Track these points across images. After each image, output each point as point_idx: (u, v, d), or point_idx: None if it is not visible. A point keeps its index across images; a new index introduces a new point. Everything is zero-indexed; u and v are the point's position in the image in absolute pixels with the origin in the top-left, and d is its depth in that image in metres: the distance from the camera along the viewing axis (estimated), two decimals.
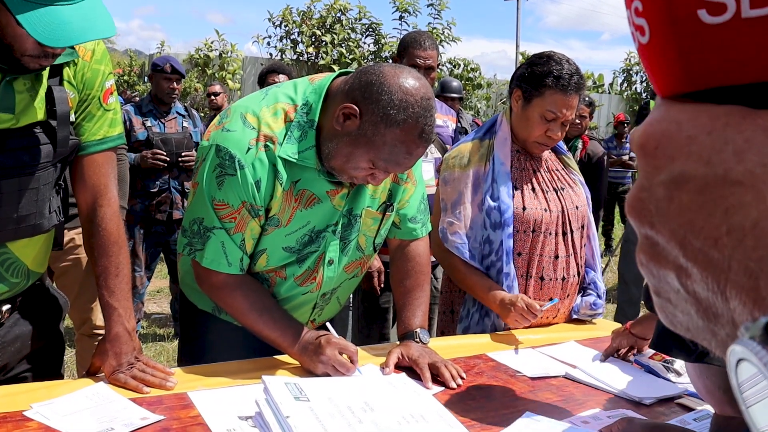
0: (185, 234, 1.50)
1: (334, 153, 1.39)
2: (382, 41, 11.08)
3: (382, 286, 2.72)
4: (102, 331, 1.50)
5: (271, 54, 11.06)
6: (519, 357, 1.71)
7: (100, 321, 2.61)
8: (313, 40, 10.76)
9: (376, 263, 2.69)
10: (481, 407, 1.38)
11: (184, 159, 3.83)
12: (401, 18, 10.94)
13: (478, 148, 1.91)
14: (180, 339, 1.81)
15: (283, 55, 10.98)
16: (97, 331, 2.71)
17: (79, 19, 1.13)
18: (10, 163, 1.26)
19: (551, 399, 1.45)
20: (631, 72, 15.60)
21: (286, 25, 10.96)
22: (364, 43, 11.23)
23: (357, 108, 1.34)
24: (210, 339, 1.64)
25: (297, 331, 1.48)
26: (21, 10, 1.09)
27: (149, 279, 4.04)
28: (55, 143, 1.31)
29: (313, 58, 10.88)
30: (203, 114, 6.62)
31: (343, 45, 10.83)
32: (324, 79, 1.45)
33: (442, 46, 10.83)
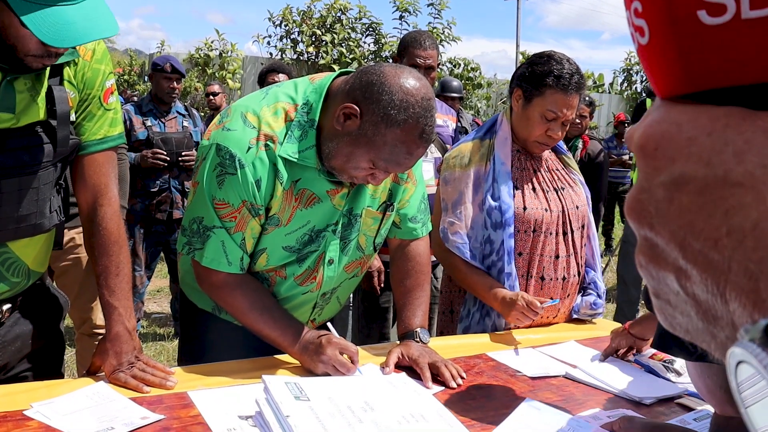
0: (185, 233, 1.50)
1: (335, 153, 1.39)
2: (383, 41, 11.09)
3: (382, 285, 2.72)
4: (102, 331, 1.50)
5: (271, 53, 11.07)
6: (519, 357, 1.71)
7: (101, 320, 2.61)
8: (313, 39, 10.76)
9: (376, 263, 2.69)
10: (481, 407, 1.38)
11: (184, 158, 3.83)
12: (401, 17, 10.95)
13: (478, 148, 1.91)
14: (180, 338, 1.81)
15: (283, 55, 10.99)
16: (97, 331, 2.71)
17: (83, 18, 1.14)
18: (11, 162, 1.26)
19: (551, 399, 1.45)
20: (631, 72, 15.60)
21: (286, 25, 10.97)
22: (365, 42, 11.24)
23: (357, 108, 1.34)
24: (210, 338, 1.64)
25: (297, 331, 1.48)
26: (25, 11, 1.09)
27: (149, 278, 4.04)
28: (56, 143, 1.31)
29: (313, 57, 10.88)
30: (203, 114, 6.61)
31: (343, 44, 10.83)
32: (324, 78, 1.45)
33: (443, 45, 10.83)
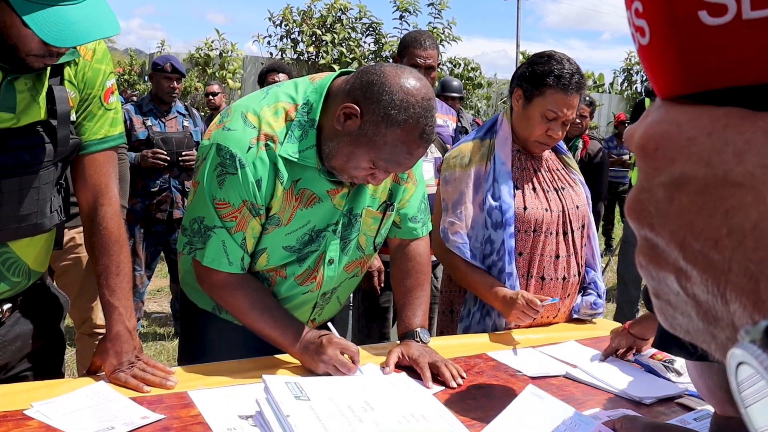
0: (185, 233, 1.50)
1: (335, 152, 1.39)
2: (383, 41, 11.08)
3: (383, 285, 2.72)
4: (102, 330, 1.50)
5: (271, 53, 11.06)
6: (519, 356, 1.71)
7: (101, 320, 2.61)
8: (313, 39, 10.76)
9: (376, 263, 2.69)
10: (482, 406, 1.38)
11: (184, 158, 3.83)
12: (402, 17, 10.95)
13: (478, 148, 1.91)
14: (180, 338, 1.81)
15: (284, 55, 10.98)
16: (97, 330, 2.71)
17: (84, 18, 1.14)
18: (11, 162, 1.26)
19: None
20: (631, 71, 15.59)
21: (286, 25, 10.96)
22: (365, 42, 11.23)
23: (358, 108, 1.34)
24: (210, 338, 1.64)
25: (298, 331, 1.48)
26: (27, 11, 1.10)
27: (149, 278, 4.04)
28: (56, 142, 1.31)
29: (313, 57, 10.88)
30: (203, 113, 6.61)
31: (343, 44, 10.82)
32: (325, 78, 1.45)
33: (443, 45, 10.83)
